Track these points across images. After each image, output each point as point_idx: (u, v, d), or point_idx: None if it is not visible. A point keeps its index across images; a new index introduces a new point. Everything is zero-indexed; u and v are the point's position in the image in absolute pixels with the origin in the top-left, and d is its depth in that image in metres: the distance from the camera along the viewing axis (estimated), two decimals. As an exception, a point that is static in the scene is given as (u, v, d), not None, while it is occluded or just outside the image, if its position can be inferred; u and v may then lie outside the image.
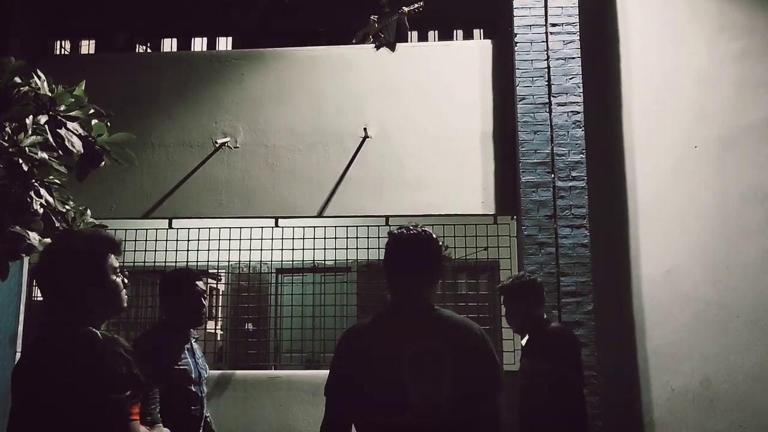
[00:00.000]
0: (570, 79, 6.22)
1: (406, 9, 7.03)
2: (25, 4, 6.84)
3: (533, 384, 3.68)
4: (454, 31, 8.28)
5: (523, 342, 3.92)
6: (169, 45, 8.14)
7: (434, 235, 2.40)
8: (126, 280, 2.18)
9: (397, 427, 2.16)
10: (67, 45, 7.95)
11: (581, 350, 3.94)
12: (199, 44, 8.15)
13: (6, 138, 2.97)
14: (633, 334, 6.03)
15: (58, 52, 7.83)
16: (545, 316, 3.93)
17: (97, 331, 2.04)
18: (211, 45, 8.17)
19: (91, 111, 3.57)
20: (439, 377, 2.14)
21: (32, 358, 2.03)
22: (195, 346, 3.61)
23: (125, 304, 2.18)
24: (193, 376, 3.42)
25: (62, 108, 3.28)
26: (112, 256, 2.14)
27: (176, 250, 6.67)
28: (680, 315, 6.04)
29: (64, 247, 2.14)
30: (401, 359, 2.16)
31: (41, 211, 3.45)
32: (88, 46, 8.08)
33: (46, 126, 3.19)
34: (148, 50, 8.02)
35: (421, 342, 2.19)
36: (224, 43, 8.17)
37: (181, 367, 3.38)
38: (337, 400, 2.28)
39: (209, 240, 6.74)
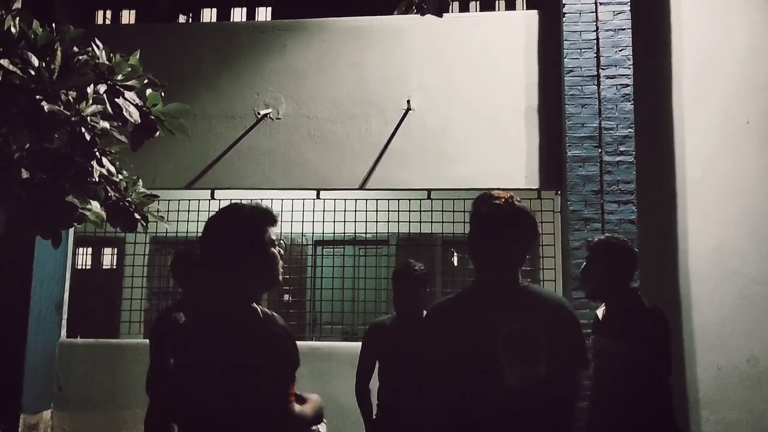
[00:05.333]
0: (620, 51, 6.07)
1: (449, -22, 6.89)
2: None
3: (606, 366, 3.23)
4: (496, 1, 8.11)
5: (599, 313, 3.49)
6: (208, 15, 8.09)
7: (529, 210, 2.29)
8: (282, 252, 2.21)
9: (491, 408, 2.10)
10: (109, 14, 7.95)
11: (670, 336, 3.20)
12: (238, 14, 8.09)
13: (67, 107, 2.97)
14: (679, 310, 5.94)
15: (100, 22, 7.83)
16: (633, 290, 3.44)
17: (258, 307, 2.08)
18: (251, 15, 8.10)
19: (146, 81, 3.56)
20: (535, 359, 2.08)
21: (203, 326, 2.09)
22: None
23: (281, 277, 2.20)
24: None
25: (120, 77, 3.27)
26: (271, 228, 2.16)
27: (218, 221, 6.69)
28: (727, 292, 5.94)
29: (228, 219, 2.17)
30: (496, 340, 2.10)
31: (97, 179, 3.46)
32: (129, 16, 8.06)
33: (105, 95, 3.18)
34: (190, 21, 7.98)
35: (516, 323, 2.12)
36: (263, 13, 8.10)
37: None
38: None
39: (250, 211, 6.74)
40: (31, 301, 6.16)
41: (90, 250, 7.89)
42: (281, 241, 2.24)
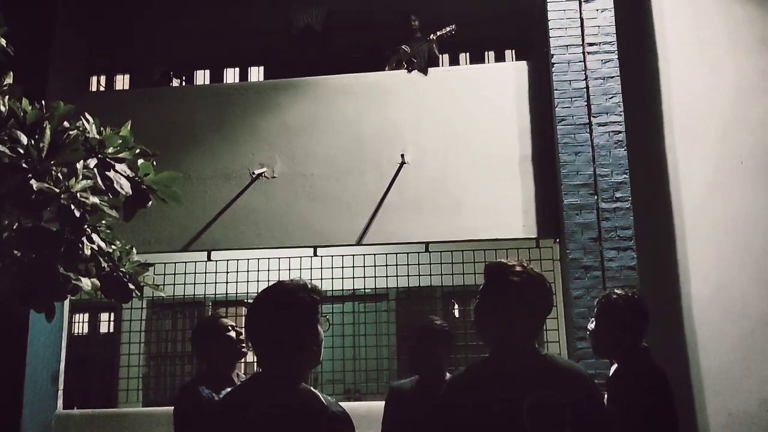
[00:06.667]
0: (610, 98, 6.11)
1: (438, 33, 6.98)
2: (63, 43, 6.90)
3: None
4: (486, 53, 8.21)
5: (612, 370, 3.33)
6: (201, 76, 8.17)
7: (545, 278, 2.28)
8: (324, 331, 2.16)
9: None
10: (103, 80, 8.02)
11: (668, 397, 3.02)
12: (231, 74, 8.18)
13: (56, 183, 2.94)
14: (685, 355, 5.85)
15: (94, 88, 7.91)
16: (640, 348, 3.18)
17: (318, 393, 2.03)
18: (244, 75, 8.19)
19: (137, 151, 3.55)
20: (560, 428, 2.07)
21: (263, 409, 2.00)
22: None
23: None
24: None
25: (110, 150, 3.25)
26: (319, 306, 2.11)
27: (215, 282, 6.65)
28: (733, 334, 5.86)
29: (280, 302, 2.08)
30: (519, 410, 2.08)
31: (89, 253, 3.42)
32: (122, 81, 8.14)
33: (95, 169, 3.16)
34: (183, 83, 8.06)
35: (539, 392, 2.10)
36: (256, 73, 8.18)
37: None
38: None
39: (248, 271, 6.70)
40: (26, 372, 6.03)
41: (86, 316, 7.80)
42: (327, 318, 2.20)
